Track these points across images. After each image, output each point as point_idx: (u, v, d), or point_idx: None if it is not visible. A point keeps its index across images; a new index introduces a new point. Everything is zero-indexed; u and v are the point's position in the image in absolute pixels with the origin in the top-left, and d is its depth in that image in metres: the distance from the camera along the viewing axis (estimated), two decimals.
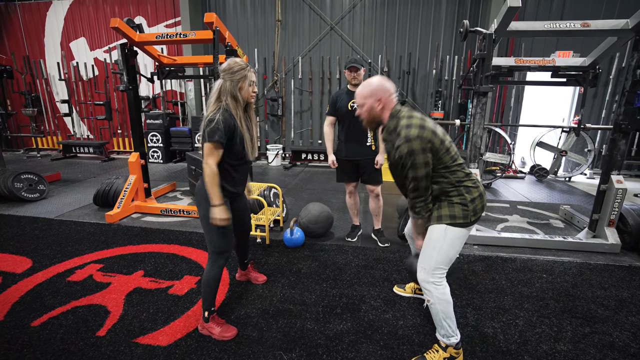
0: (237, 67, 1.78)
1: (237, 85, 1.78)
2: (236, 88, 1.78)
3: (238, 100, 1.80)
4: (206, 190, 1.81)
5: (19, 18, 8.03)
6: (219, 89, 1.78)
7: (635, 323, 2.08)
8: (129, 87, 3.73)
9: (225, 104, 1.77)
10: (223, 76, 1.78)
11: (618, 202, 2.99)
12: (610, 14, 5.84)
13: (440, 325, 1.69)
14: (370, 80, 1.74)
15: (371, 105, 1.71)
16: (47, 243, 3.10)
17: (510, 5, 2.60)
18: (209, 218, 1.82)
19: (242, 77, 1.78)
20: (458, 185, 1.64)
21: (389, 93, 1.70)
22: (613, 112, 6.08)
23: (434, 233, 1.68)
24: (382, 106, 1.70)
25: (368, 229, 3.44)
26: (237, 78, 1.77)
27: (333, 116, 3.00)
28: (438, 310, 1.67)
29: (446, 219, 1.63)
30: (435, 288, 1.66)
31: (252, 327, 1.98)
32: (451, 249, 1.66)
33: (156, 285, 2.44)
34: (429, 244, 1.69)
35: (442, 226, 1.65)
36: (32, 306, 2.16)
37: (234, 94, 1.77)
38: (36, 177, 4.50)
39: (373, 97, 1.70)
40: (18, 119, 8.47)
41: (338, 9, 6.86)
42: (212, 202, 1.75)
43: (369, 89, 1.71)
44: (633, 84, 2.78)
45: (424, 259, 1.70)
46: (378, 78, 1.73)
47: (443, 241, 1.64)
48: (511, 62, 3.48)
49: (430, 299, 1.67)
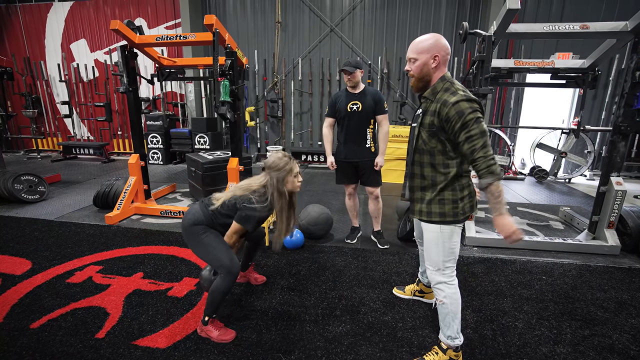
0: (282, 163, 1.85)
1: (284, 180, 1.86)
2: (282, 183, 1.85)
3: (283, 195, 1.87)
4: (202, 229, 1.90)
5: (20, 20, 8.05)
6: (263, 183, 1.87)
7: (635, 325, 2.08)
8: (129, 88, 3.74)
9: (270, 199, 1.85)
10: (269, 172, 1.86)
11: (618, 203, 2.99)
12: (609, 15, 5.86)
13: (448, 326, 1.69)
14: (426, 35, 1.60)
15: (425, 62, 1.57)
16: (47, 245, 3.11)
17: (509, 7, 2.61)
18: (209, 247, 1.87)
19: (288, 172, 1.87)
20: (457, 177, 1.61)
21: (446, 51, 1.58)
22: (613, 113, 6.08)
23: (430, 235, 1.69)
24: (437, 64, 1.57)
25: (368, 231, 3.44)
26: (284, 175, 1.85)
27: (332, 118, 3.00)
28: (449, 311, 1.67)
29: (436, 216, 1.64)
30: (447, 287, 1.67)
31: (251, 329, 1.98)
32: (452, 244, 1.66)
33: (155, 287, 2.44)
34: (429, 246, 1.70)
35: (434, 226, 1.65)
36: (31, 308, 2.16)
37: (280, 190, 1.85)
38: (36, 178, 4.51)
39: (430, 52, 1.56)
40: (18, 120, 8.48)
41: (338, 10, 6.87)
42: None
43: (426, 43, 1.56)
44: (632, 86, 2.78)
45: (430, 260, 1.71)
46: (434, 34, 1.60)
47: (441, 240, 1.65)
48: (510, 63, 3.49)
49: (443, 300, 1.67)
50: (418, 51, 1.59)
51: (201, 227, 1.90)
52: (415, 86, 1.68)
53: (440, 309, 1.70)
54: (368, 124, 2.91)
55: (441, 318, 1.72)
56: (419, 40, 1.60)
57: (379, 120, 2.91)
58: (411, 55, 1.62)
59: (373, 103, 2.85)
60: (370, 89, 2.93)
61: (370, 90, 2.90)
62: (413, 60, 1.61)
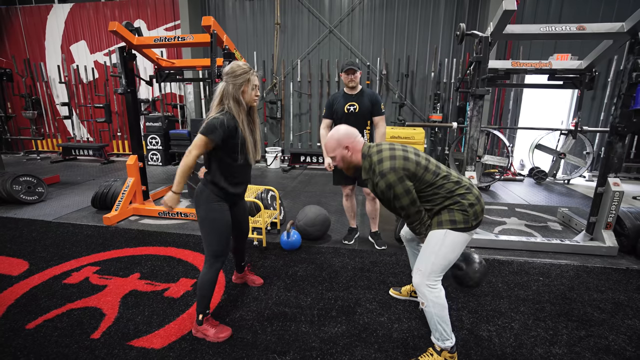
0: (240, 70, 1.77)
1: (240, 88, 1.78)
2: (239, 91, 1.78)
3: (241, 104, 1.80)
4: (205, 193, 1.85)
5: (20, 21, 8.08)
6: (221, 92, 1.78)
7: (631, 326, 2.07)
8: (128, 90, 3.75)
9: (227, 107, 1.77)
10: (226, 79, 1.78)
11: (615, 204, 2.99)
12: (608, 16, 5.86)
13: (435, 328, 1.68)
14: (332, 131, 1.82)
15: (342, 155, 1.79)
16: (45, 245, 3.11)
17: (505, 8, 2.61)
18: (207, 221, 1.84)
19: (245, 81, 1.79)
20: (451, 196, 1.65)
21: (352, 137, 1.78)
22: (611, 114, 6.08)
23: (433, 237, 1.68)
24: (351, 152, 1.78)
25: (365, 232, 3.44)
26: (240, 82, 1.77)
27: (329, 119, 3.01)
28: (433, 314, 1.66)
29: (447, 224, 1.64)
30: (429, 291, 1.65)
31: (247, 330, 1.98)
32: (451, 253, 1.65)
33: (152, 287, 2.44)
34: (427, 248, 1.69)
35: (442, 231, 1.64)
36: (27, 309, 2.16)
37: (236, 98, 1.77)
38: (35, 179, 4.51)
39: (340, 146, 1.78)
40: (18, 121, 8.50)
41: (337, 12, 6.89)
42: (173, 189, 1.81)
43: (333, 141, 1.79)
44: (629, 87, 2.78)
45: (421, 262, 1.70)
46: (337, 128, 1.83)
47: (442, 245, 1.64)
48: (508, 64, 3.50)
49: (425, 302, 1.66)
50: (332, 150, 1.81)
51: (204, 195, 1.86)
52: (351, 174, 1.90)
53: (425, 312, 1.69)
54: (365, 125, 2.92)
55: (428, 321, 1.71)
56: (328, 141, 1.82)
57: (376, 121, 2.91)
58: (330, 155, 1.85)
59: (370, 104, 2.86)
60: (367, 90, 2.93)
61: (368, 92, 2.91)
62: (333, 158, 1.84)
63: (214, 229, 1.85)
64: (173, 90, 7.86)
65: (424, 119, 6.93)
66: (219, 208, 1.87)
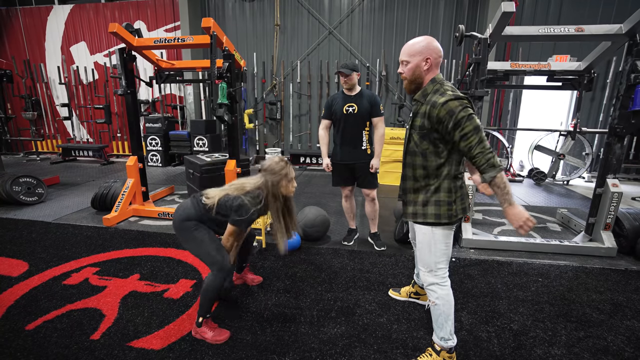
0: (278, 167, 1.87)
1: (279, 184, 1.87)
2: (277, 187, 1.87)
3: (278, 199, 1.89)
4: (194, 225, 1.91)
5: (20, 22, 8.09)
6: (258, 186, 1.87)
7: (630, 327, 2.08)
8: (127, 91, 3.75)
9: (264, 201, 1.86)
10: (264, 175, 1.88)
11: (614, 205, 3.00)
12: (607, 17, 5.88)
13: (441, 327, 1.69)
14: (419, 38, 1.61)
15: (417, 64, 1.58)
16: (44, 246, 3.11)
17: (504, 10, 2.62)
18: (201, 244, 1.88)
19: (284, 176, 1.88)
20: (453, 179, 1.61)
21: (438, 54, 1.59)
22: (610, 115, 6.09)
23: (423, 236, 1.69)
24: (429, 66, 1.58)
25: (365, 233, 3.45)
26: (279, 179, 1.87)
27: (328, 120, 3.02)
28: (441, 312, 1.67)
29: (431, 218, 1.62)
30: (440, 288, 1.67)
31: (246, 331, 1.98)
32: (444, 246, 1.67)
33: (152, 288, 2.44)
34: (422, 248, 1.70)
35: (427, 228, 1.65)
36: (27, 310, 2.17)
37: (274, 193, 1.87)
38: (35, 180, 4.51)
39: (422, 55, 1.57)
40: (18, 122, 8.51)
41: (336, 13, 6.90)
42: None
43: (418, 46, 1.58)
44: (627, 88, 2.79)
45: (422, 262, 1.71)
46: (426, 37, 1.61)
47: (434, 242, 1.66)
48: (507, 66, 3.51)
49: (435, 300, 1.68)
50: (410, 54, 1.60)
51: (192, 222, 1.91)
52: (408, 88, 1.69)
53: (433, 310, 1.71)
54: (364, 126, 2.93)
55: (434, 319, 1.72)
56: (412, 43, 1.61)
57: (375, 122, 2.92)
58: (403, 58, 1.63)
59: (369, 105, 2.87)
60: (366, 91, 2.94)
61: (367, 93, 2.92)
62: (405, 63, 1.63)
63: (211, 247, 1.88)
64: (173, 92, 7.87)
65: None
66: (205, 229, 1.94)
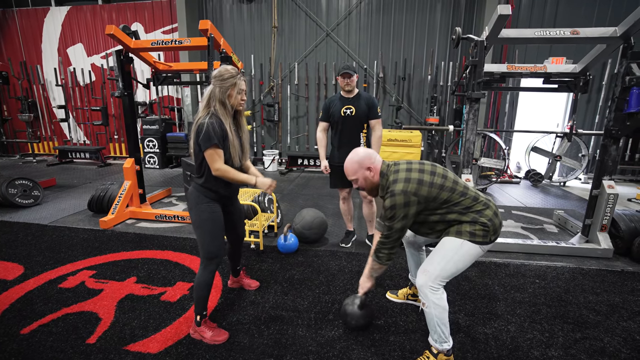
0: (227, 74, 1.80)
1: (227, 92, 1.80)
2: (225, 95, 1.80)
3: (226, 107, 1.82)
4: (194, 195, 1.87)
5: (17, 24, 8.05)
6: (208, 94, 1.81)
7: (627, 328, 2.09)
8: (124, 93, 3.74)
9: (214, 110, 1.80)
10: (213, 82, 1.81)
11: (610, 207, 3.01)
12: (602, 19, 5.92)
13: (434, 330, 1.69)
14: (351, 155, 1.81)
15: (365, 176, 1.77)
16: (40, 249, 3.09)
17: (500, 13, 2.64)
18: (199, 221, 1.85)
19: (232, 85, 1.81)
20: (467, 212, 1.66)
21: (372, 158, 1.78)
22: (605, 117, 6.13)
23: (449, 243, 1.68)
24: (373, 173, 1.76)
25: (363, 235, 3.45)
26: (227, 85, 1.80)
27: (326, 122, 3.02)
28: (433, 315, 1.66)
29: (465, 235, 1.64)
30: (432, 293, 1.65)
31: (244, 334, 1.98)
32: (461, 263, 1.66)
33: (148, 291, 2.43)
34: (439, 252, 1.69)
35: (459, 240, 1.65)
36: (22, 313, 2.15)
37: (222, 101, 1.80)
38: (31, 182, 4.49)
39: (362, 168, 1.76)
40: (14, 124, 8.46)
41: (334, 15, 6.92)
42: (250, 183, 1.86)
43: (354, 164, 1.77)
44: (622, 90, 2.82)
45: (430, 264, 1.70)
46: (355, 151, 1.82)
47: (456, 253, 1.65)
48: (503, 68, 3.52)
49: (426, 303, 1.67)
50: (354, 172, 1.79)
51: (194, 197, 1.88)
52: (375, 195, 1.86)
53: (426, 313, 1.70)
54: (362, 129, 2.93)
55: (427, 322, 1.72)
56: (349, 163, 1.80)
57: (372, 124, 2.92)
58: (352, 178, 1.82)
59: (366, 108, 2.87)
60: (364, 93, 2.95)
61: (364, 95, 2.92)
62: (356, 181, 1.82)
63: (207, 230, 1.86)
64: (170, 93, 7.85)
65: (421, 122, 6.95)
66: (210, 209, 1.88)
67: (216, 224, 1.89)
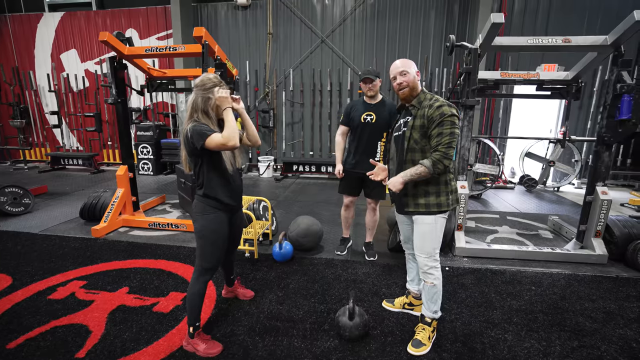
0: (209, 83, 1.77)
1: (209, 101, 1.77)
2: (207, 104, 1.77)
3: (210, 116, 1.79)
4: (200, 206, 1.84)
5: (9, 29, 7.99)
6: (191, 105, 1.78)
7: (623, 336, 2.08)
8: (118, 99, 3.71)
9: (197, 119, 1.76)
10: (195, 92, 1.78)
11: (604, 213, 3.03)
12: (592, 28, 6.02)
13: (435, 302, 1.94)
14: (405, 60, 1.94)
15: (414, 76, 1.89)
16: (29, 259, 3.02)
17: (493, 21, 2.66)
18: (204, 232, 1.83)
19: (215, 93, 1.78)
20: (448, 171, 1.88)
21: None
22: (598, 123, 6.21)
23: (425, 225, 1.88)
24: (419, 78, 1.93)
25: (358, 243, 3.42)
26: (208, 96, 1.77)
27: (346, 126, 2.93)
28: (438, 289, 1.92)
29: (434, 207, 1.85)
30: (437, 270, 1.92)
31: (238, 345, 1.94)
32: (441, 233, 1.91)
33: (141, 302, 2.38)
34: (424, 236, 1.89)
35: (430, 217, 1.86)
36: (8, 327, 2.09)
37: (205, 110, 1.77)
38: (21, 190, 4.41)
39: (415, 69, 1.90)
40: (5, 130, 8.36)
41: (329, 22, 6.96)
42: (236, 111, 1.84)
43: (410, 62, 1.92)
44: (614, 98, 2.85)
45: (422, 248, 1.91)
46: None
47: (435, 230, 1.89)
48: (497, 75, 3.55)
49: (434, 281, 1.91)
50: (408, 65, 1.89)
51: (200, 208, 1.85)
52: (408, 95, 1.91)
53: (430, 290, 1.92)
54: (380, 137, 2.81)
55: (429, 297, 1.94)
56: (404, 60, 1.93)
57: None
58: (403, 69, 1.88)
59: (388, 116, 2.74)
60: (388, 101, 2.84)
61: (388, 103, 2.82)
62: (404, 73, 1.88)
63: (210, 241, 1.84)
64: (165, 99, 7.81)
65: None
66: (217, 219, 1.85)
67: (220, 236, 1.87)
